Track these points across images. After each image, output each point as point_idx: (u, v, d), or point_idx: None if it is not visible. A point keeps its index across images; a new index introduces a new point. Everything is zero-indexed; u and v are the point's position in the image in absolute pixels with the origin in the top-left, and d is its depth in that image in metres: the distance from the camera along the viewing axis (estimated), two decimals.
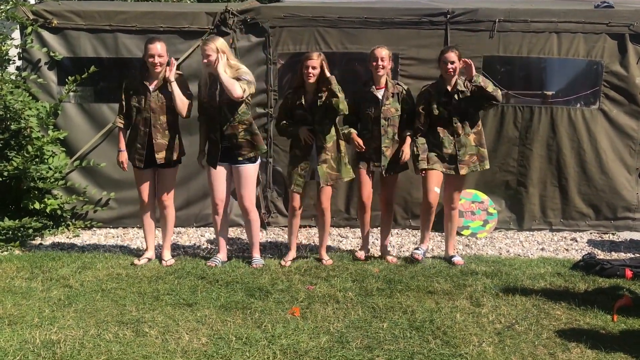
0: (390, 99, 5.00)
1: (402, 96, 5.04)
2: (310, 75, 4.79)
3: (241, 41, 6.06)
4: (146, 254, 5.20)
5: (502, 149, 6.24)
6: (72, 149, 6.13)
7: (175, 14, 6.11)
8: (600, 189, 6.24)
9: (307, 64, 4.79)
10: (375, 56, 4.94)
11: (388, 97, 4.99)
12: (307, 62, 4.79)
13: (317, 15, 6.09)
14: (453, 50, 4.98)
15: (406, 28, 6.11)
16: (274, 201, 6.32)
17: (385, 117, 4.98)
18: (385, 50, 4.97)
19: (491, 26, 6.07)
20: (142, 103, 4.87)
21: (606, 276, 4.78)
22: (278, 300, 4.26)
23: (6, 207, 6.00)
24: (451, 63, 4.92)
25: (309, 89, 4.90)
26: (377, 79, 5.01)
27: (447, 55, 4.94)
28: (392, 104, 5.00)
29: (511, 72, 6.53)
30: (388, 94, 5.00)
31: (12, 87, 5.64)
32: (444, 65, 4.96)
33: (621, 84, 6.14)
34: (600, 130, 6.19)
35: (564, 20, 6.09)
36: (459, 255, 5.31)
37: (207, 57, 4.70)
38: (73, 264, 5.00)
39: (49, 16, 6.01)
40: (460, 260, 5.16)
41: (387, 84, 5.02)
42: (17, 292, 4.40)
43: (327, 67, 4.81)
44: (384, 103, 4.98)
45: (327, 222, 5.14)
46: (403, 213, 6.35)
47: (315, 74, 4.79)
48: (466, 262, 5.16)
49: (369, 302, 4.23)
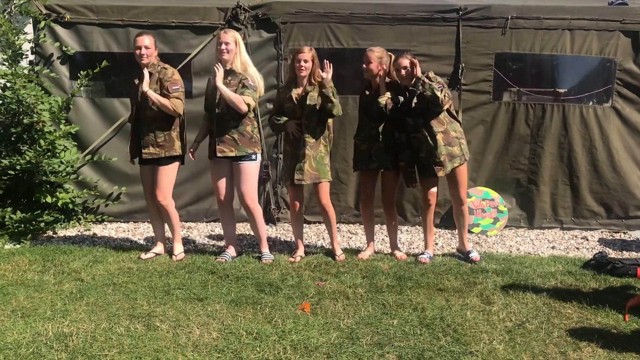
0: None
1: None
2: (302, 68, 4.87)
3: (252, 37, 6.07)
4: (154, 248, 5.22)
5: (514, 146, 6.21)
6: (83, 143, 6.17)
7: (187, 9, 6.12)
8: (612, 188, 6.21)
9: (299, 58, 4.87)
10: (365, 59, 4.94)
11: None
12: (299, 56, 4.87)
13: (328, 11, 6.08)
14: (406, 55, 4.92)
15: (418, 24, 6.09)
16: (284, 196, 6.33)
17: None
18: (376, 53, 4.93)
19: (504, 23, 6.04)
20: (133, 97, 4.97)
21: (617, 275, 4.75)
22: (288, 296, 4.27)
23: (18, 200, 6.04)
24: (404, 68, 4.86)
25: (300, 82, 4.95)
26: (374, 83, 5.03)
27: (400, 61, 4.87)
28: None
29: (523, 69, 6.49)
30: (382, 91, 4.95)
31: (25, 82, 5.68)
32: (397, 73, 4.92)
33: (634, 82, 6.10)
34: (613, 128, 6.15)
35: (577, 17, 6.05)
36: (475, 251, 5.23)
37: (226, 45, 4.78)
38: (84, 258, 5.03)
39: (62, 11, 6.04)
40: (478, 257, 5.10)
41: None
42: (30, 285, 4.44)
43: (318, 64, 4.89)
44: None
45: (332, 218, 5.12)
46: (413, 210, 6.34)
47: (307, 67, 4.87)
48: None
49: (379, 299, 4.23)
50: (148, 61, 4.87)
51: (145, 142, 4.90)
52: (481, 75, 6.12)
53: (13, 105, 5.63)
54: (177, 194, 6.09)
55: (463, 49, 6.04)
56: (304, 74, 4.90)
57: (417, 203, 6.30)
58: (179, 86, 4.90)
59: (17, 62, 5.87)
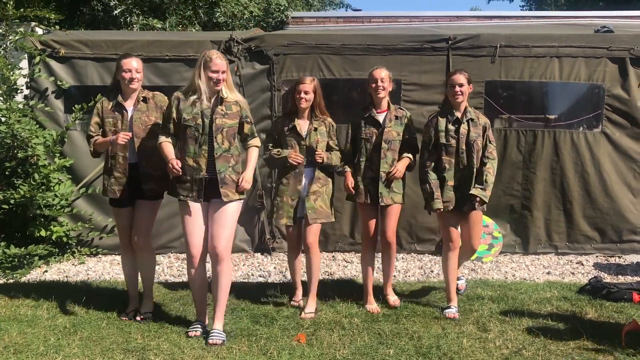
0: (393, 121, 4.65)
1: (405, 121, 4.69)
2: (303, 100, 4.53)
3: (246, 68, 6.15)
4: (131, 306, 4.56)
5: (506, 172, 6.25)
6: (78, 176, 6.18)
7: (181, 43, 6.21)
8: (605, 212, 6.24)
9: (300, 89, 4.54)
10: (375, 77, 4.62)
11: (391, 119, 4.64)
12: (300, 87, 4.55)
13: (320, 42, 6.18)
14: (462, 72, 4.58)
15: (408, 54, 6.18)
16: (279, 226, 6.33)
17: (386, 139, 4.60)
18: (384, 71, 4.64)
19: (493, 51, 6.14)
20: (118, 125, 4.29)
21: (613, 300, 4.75)
22: (284, 327, 4.24)
23: (12, 234, 6.02)
24: (459, 86, 4.51)
25: (301, 115, 4.61)
26: (378, 102, 4.67)
27: (455, 78, 4.53)
28: (394, 127, 4.63)
29: (513, 96, 6.57)
30: (391, 116, 4.65)
31: (19, 116, 5.71)
32: (451, 89, 4.55)
33: (623, 107, 6.18)
34: (604, 153, 6.21)
35: (565, 45, 6.16)
36: (463, 279, 5.13)
37: (222, 74, 4.04)
38: (78, 292, 5.00)
39: (56, 46, 6.12)
40: (463, 285, 5.04)
41: (389, 106, 4.70)
42: (23, 320, 4.39)
43: (322, 96, 4.59)
44: (385, 125, 4.62)
45: (316, 261, 4.55)
46: (408, 237, 6.35)
47: (307, 99, 4.53)
48: (472, 287, 5.14)
49: (375, 328, 4.21)
50: (138, 86, 4.32)
51: (145, 177, 4.30)
52: (472, 103, 6.08)
53: (7, 140, 5.65)
54: (172, 225, 6.12)
55: None
56: (304, 106, 4.54)
57: (412, 230, 6.32)
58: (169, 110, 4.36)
59: (12, 97, 5.91)
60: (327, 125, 4.65)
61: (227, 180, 4.06)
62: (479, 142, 4.52)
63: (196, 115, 4.03)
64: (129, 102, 4.35)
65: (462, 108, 4.56)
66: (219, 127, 4.04)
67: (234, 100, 4.16)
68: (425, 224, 6.25)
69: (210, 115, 4.04)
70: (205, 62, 4.04)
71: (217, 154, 4.04)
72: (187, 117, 4.03)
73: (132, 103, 4.35)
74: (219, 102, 4.08)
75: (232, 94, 4.15)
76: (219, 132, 4.04)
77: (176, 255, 6.27)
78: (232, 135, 4.12)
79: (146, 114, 4.34)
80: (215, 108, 4.07)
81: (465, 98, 4.56)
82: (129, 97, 4.35)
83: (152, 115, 4.35)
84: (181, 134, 4.10)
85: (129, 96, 4.35)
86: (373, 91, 4.67)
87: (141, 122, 4.31)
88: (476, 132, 4.52)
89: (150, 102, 4.38)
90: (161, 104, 4.39)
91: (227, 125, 4.08)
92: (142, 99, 4.35)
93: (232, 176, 4.08)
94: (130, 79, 4.26)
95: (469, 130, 4.52)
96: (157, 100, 4.42)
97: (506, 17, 9.33)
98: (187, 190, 4.07)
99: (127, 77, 4.27)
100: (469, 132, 4.51)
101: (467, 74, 4.56)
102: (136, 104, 4.34)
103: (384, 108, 4.71)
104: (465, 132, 4.51)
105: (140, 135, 4.30)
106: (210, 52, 4.11)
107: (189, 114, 4.04)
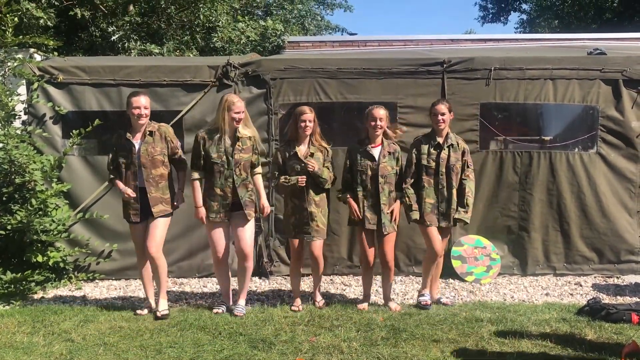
0: (387, 156, 5.09)
1: (397, 155, 5.15)
2: (307, 128, 5.06)
3: (243, 93, 6.19)
4: (147, 304, 5.19)
5: (503, 194, 6.27)
6: (75, 201, 6.18)
7: (178, 68, 6.26)
8: (603, 233, 6.24)
9: (304, 118, 5.05)
10: (374, 116, 5.05)
11: (385, 155, 5.09)
12: (304, 117, 5.05)
13: (316, 66, 6.25)
14: (443, 102, 5.16)
15: (404, 78, 6.25)
16: (276, 249, 6.32)
17: (382, 174, 5.05)
18: (382, 110, 5.08)
19: (487, 74, 6.21)
20: (128, 158, 4.95)
21: (612, 321, 4.73)
22: (282, 352, 4.21)
23: (9, 260, 5.99)
24: (441, 114, 5.06)
25: (302, 141, 5.13)
26: (374, 138, 5.11)
27: (438, 107, 5.09)
28: (388, 162, 5.09)
29: (508, 118, 6.63)
30: (384, 152, 5.10)
31: (17, 142, 5.72)
32: (434, 117, 5.12)
33: (618, 128, 6.23)
34: (599, 174, 6.24)
35: (559, 67, 6.23)
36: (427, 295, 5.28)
37: (242, 114, 4.93)
38: (75, 318, 4.97)
39: (54, 72, 6.17)
40: (427, 300, 5.20)
41: (383, 142, 5.13)
42: (19, 347, 4.36)
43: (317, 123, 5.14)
44: (380, 161, 5.06)
45: (320, 267, 5.24)
46: (406, 259, 6.34)
47: (311, 127, 5.09)
48: (470, 309, 5.12)
49: (373, 352, 4.18)
50: (145, 121, 4.94)
51: (154, 200, 4.95)
52: (467, 125, 6.24)
53: (5, 165, 5.65)
54: (169, 250, 6.10)
55: (448, 100, 6.16)
56: (309, 133, 5.10)
57: (410, 252, 6.31)
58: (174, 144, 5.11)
59: (10, 123, 5.94)
60: (323, 151, 5.18)
61: (248, 203, 5.00)
62: (457, 166, 5.11)
63: (221, 154, 4.90)
64: (137, 136, 4.96)
65: (444, 134, 5.14)
66: (238, 161, 4.94)
67: (248, 136, 4.98)
68: (423, 246, 6.22)
69: (232, 152, 4.89)
70: (228, 106, 4.89)
71: (238, 183, 4.95)
72: (214, 155, 4.90)
73: (140, 136, 4.95)
74: (236, 140, 4.93)
75: (246, 130, 4.99)
76: (237, 166, 4.93)
77: (174, 280, 6.24)
78: (247, 167, 5.01)
79: (152, 146, 4.95)
80: (235, 145, 4.91)
81: (446, 125, 5.13)
82: (137, 131, 4.97)
83: (158, 147, 4.97)
84: (208, 167, 4.97)
85: (137, 130, 4.96)
86: (371, 128, 5.10)
87: (147, 154, 4.92)
88: (455, 157, 5.11)
89: (156, 135, 4.98)
90: (165, 135, 5.02)
91: (244, 159, 4.97)
92: (148, 132, 4.95)
93: (252, 198, 5.02)
94: (139, 115, 4.89)
95: (449, 155, 5.10)
96: (162, 131, 5.01)
97: (500, 40, 9.43)
98: (214, 212, 4.98)
99: (136, 114, 4.89)
100: (449, 156, 5.09)
101: (448, 104, 5.18)
102: (143, 138, 4.94)
103: (378, 143, 5.15)
104: (445, 157, 5.09)
105: (148, 165, 4.92)
106: (232, 96, 5.00)
107: (215, 152, 4.89)
